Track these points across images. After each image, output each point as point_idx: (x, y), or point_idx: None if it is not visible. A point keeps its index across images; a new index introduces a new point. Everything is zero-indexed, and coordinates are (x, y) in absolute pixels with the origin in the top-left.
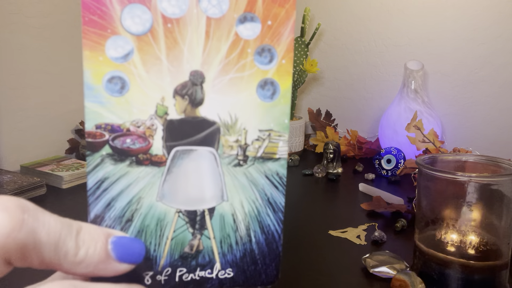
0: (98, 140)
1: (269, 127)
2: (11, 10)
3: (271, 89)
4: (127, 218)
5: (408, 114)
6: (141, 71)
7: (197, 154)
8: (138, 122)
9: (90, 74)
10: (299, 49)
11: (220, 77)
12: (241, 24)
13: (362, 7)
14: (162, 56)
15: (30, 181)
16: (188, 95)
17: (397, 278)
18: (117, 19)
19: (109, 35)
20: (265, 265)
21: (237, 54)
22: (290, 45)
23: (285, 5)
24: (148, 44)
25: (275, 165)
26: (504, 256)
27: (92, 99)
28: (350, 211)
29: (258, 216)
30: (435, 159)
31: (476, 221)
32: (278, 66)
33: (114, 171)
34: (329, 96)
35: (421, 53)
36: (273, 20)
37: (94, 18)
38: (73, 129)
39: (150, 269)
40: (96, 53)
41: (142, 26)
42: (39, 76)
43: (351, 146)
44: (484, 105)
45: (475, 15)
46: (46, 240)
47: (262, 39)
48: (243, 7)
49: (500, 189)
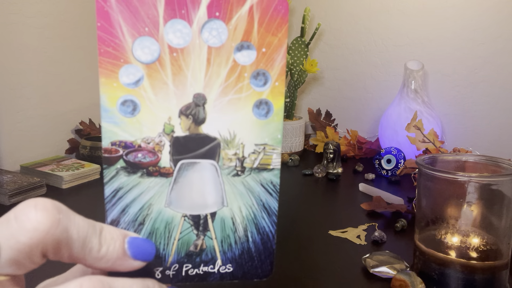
0: (113, 155)
1: (264, 141)
2: (11, 10)
3: (265, 108)
4: (140, 222)
5: (408, 114)
6: (150, 94)
7: (200, 166)
8: (148, 139)
9: (106, 98)
10: (299, 49)
11: (220, 98)
12: (238, 52)
13: (362, 7)
14: (169, 81)
15: (30, 181)
16: (192, 115)
17: (397, 278)
18: (128, 50)
19: (122, 64)
20: (260, 261)
21: (235, 78)
22: (282, 69)
23: (278, 34)
24: (156, 71)
25: (269, 175)
26: (504, 256)
27: (107, 120)
28: (350, 211)
29: (255, 219)
30: (435, 159)
31: (476, 221)
32: (272, 88)
33: (127, 181)
34: (329, 96)
35: (421, 53)
36: (267, 48)
37: (109, 49)
38: (73, 129)
39: (160, 265)
40: (111, 80)
41: (151, 55)
42: (39, 76)
43: (351, 146)
44: (484, 105)
45: (475, 15)
46: (76, 237)
47: (257, 65)
48: (240, 37)
49: (500, 189)
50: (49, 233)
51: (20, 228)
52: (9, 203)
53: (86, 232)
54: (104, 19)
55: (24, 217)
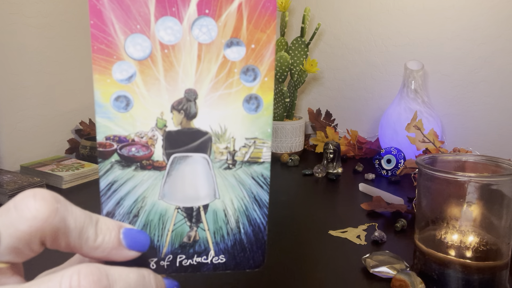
0: (108, 150)
1: (254, 135)
2: (11, 10)
3: (255, 103)
4: (134, 214)
5: (408, 114)
6: (142, 90)
7: (192, 159)
8: (141, 134)
9: (100, 94)
10: (299, 49)
11: (211, 93)
12: (228, 48)
13: (362, 7)
14: (161, 77)
15: (30, 181)
16: (183, 110)
17: (397, 278)
18: (121, 47)
19: (115, 61)
20: (252, 252)
21: (225, 74)
22: (271, 65)
23: (267, 30)
24: (148, 67)
25: (260, 168)
26: (504, 256)
27: (102, 115)
28: (350, 211)
29: (246, 211)
30: (435, 159)
31: (476, 221)
32: (261, 83)
33: (122, 175)
34: (329, 96)
35: (421, 53)
36: (256, 44)
37: (102, 46)
38: (73, 129)
39: (155, 256)
40: (104, 76)
41: (142, 52)
42: (39, 76)
43: (351, 146)
44: (484, 105)
45: (475, 15)
46: (73, 227)
47: (246, 60)
48: (229, 33)
49: (500, 189)
50: (47, 221)
51: (20, 216)
52: None
53: (83, 222)
54: (97, 17)
55: (24, 206)
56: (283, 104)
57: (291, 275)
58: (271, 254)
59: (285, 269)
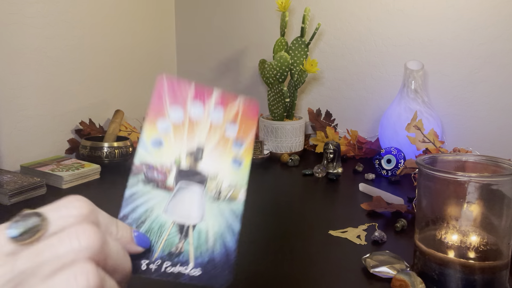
0: (140, 170)
1: (235, 182)
2: (11, 10)
3: (238, 163)
4: (142, 220)
5: (408, 114)
6: (171, 140)
7: (192, 189)
8: (163, 165)
9: (145, 134)
10: (299, 49)
11: (212, 152)
12: (227, 128)
13: (362, 7)
14: (184, 135)
15: (30, 181)
16: (193, 157)
17: (397, 278)
18: (166, 111)
19: (161, 118)
20: (221, 270)
21: (223, 142)
22: (252, 140)
23: (253, 118)
24: (179, 128)
25: (236, 205)
26: (504, 256)
27: (142, 147)
28: (350, 211)
29: (222, 235)
30: (435, 159)
31: (476, 221)
32: (244, 150)
33: (142, 189)
34: (329, 96)
35: (421, 53)
36: (245, 126)
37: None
38: (73, 129)
39: (147, 258)
40: (152, 125)
41: (178, 118)
42: (39, 76)
43: (351, 146)
44: (484, 105)
45: (475, 15)
46: (102, 223)
47: (237, 136)
48: (230, 118)
49: (500, 189)
50: (92, 214)
51: (69, 212)
52: (9, 203)
53: (108, 221)
54: (158, 94)
55: (70, 204)
56: (283, 104)
57: (291, 275)
58: (271, 254)
59: (285, 269)
